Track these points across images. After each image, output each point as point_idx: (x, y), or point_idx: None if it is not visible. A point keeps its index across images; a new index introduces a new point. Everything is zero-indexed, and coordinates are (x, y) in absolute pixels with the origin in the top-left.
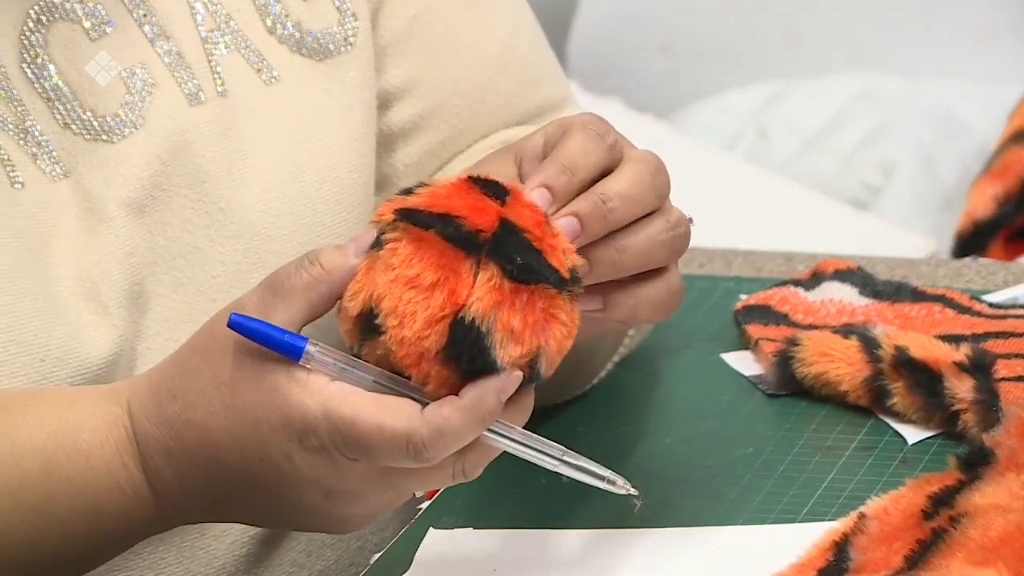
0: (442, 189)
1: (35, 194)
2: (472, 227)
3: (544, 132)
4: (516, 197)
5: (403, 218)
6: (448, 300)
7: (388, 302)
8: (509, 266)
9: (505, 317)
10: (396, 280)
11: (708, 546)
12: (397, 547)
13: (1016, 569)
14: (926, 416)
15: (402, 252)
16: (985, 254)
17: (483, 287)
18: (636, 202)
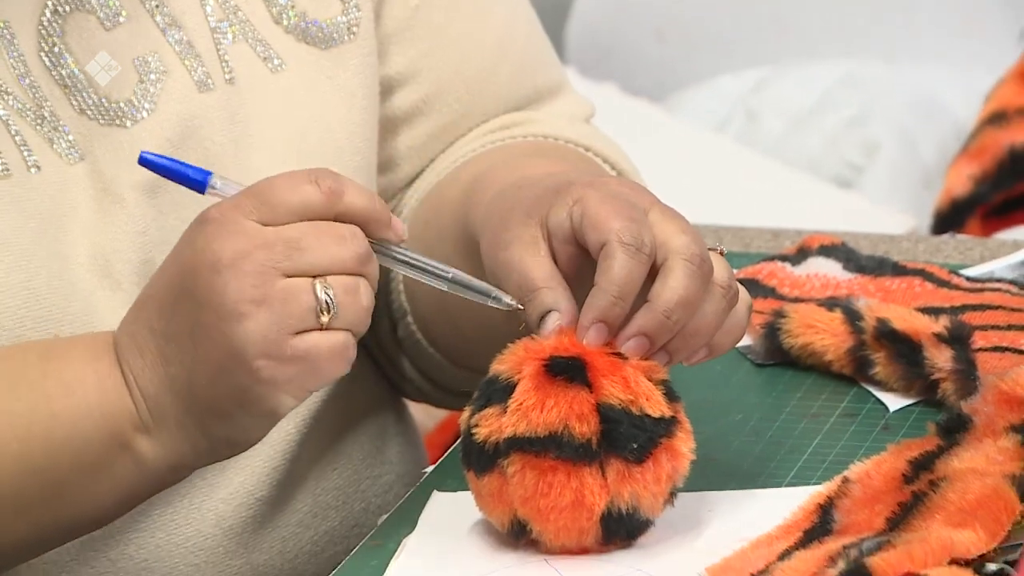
0: (531, 397)
1: (51, 177)
2: (581, 436)
3: (568, 212)
4: (593, 366)
5: (516, 448)
6: (590, 511)
7: (538, 527)
8: (629, 456)
9: (645, 492)
10: (536, 509)
11: (699, 509)
12: (402, 509)
13: (992, 530)
14: (907, 385)
15: (529, 482)
16: (963, 230)
17: (616, 483)
18: (692, 304)
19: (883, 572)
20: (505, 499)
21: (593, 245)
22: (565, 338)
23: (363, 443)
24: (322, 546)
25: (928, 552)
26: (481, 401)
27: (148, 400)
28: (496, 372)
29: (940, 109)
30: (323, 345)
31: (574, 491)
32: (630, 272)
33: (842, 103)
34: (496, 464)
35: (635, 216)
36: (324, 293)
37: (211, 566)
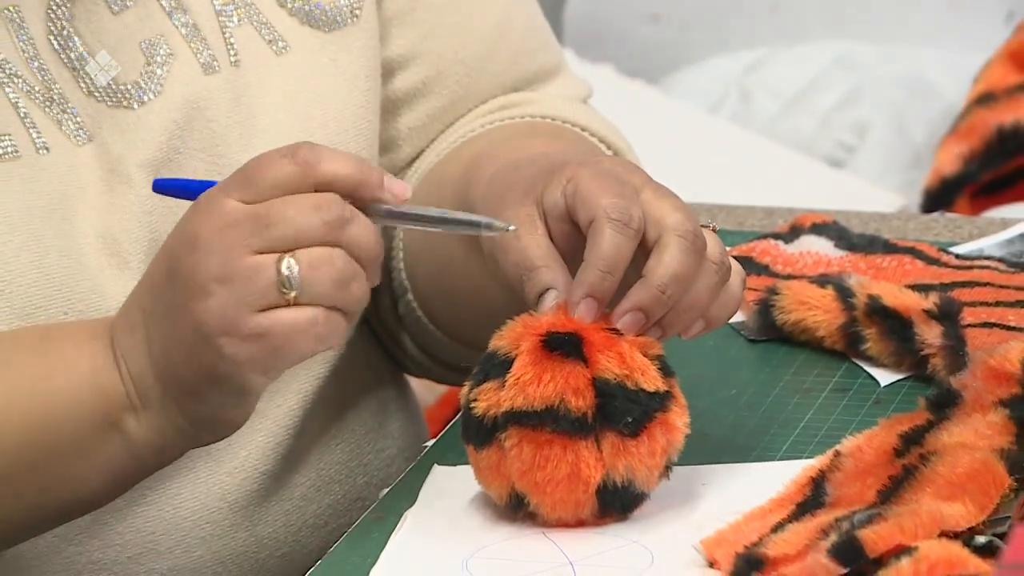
0: (529, 371)
1: (60, 158)
2: (576, 411)
3: (562, 191)
4: (589, 342)
5: (514, 421)
6: (587, 484)
7: (535, 499)
8: (624, 429)
9: (639, 465)
10: (533, 482)
11: (694, 482)
12: (404, 483)
13: (981, 503)
14: (897, 360)
15: (526, 455)
16: (952, 209)
17: (611, 456)
18: (687, 279)
19: (874, 544)
20: (503, 472)
21: (583, 221)
22: (562, 314)
23: (365, 418)
24: (325, 519)
25: (918, 525)
26: (480, 376)
27: (135, 379)
28: (495, 347)
29: (930, 90)
30: (285, 321)
31: (570, 464)
32: (618, 247)
33: (834, 84)
34: (494, 438)
35: (624, 192)
36: (288, 268)
37: (217, 539)
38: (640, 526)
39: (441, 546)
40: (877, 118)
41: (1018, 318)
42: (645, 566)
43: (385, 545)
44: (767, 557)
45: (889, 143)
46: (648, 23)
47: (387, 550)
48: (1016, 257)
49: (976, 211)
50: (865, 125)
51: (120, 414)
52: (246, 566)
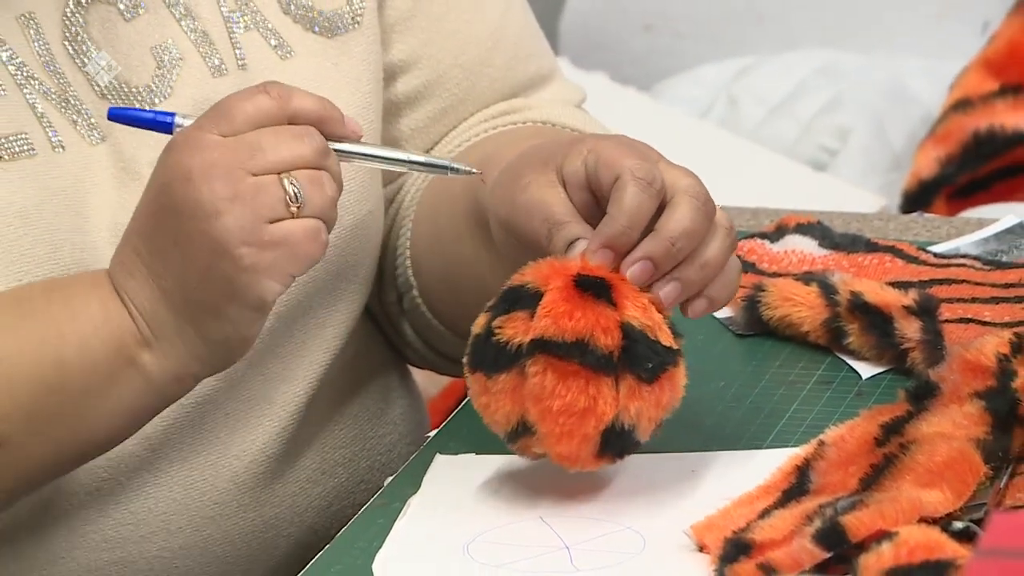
0: (560, 305)
1: (75, 156)
2: (604, 348)
3: (583, 160)
4: (617, 289)
5: (542, 349)
6: (599, 420)
7: (544, 427)
8: (643, 373)
9: (648, 413)
10: (549, 409)
11: (684, 470)
12: (408, 471)
13: (958, 490)
14: (878, 354)
15: (549, 384)
16: (930, 210)
17: (626, 398)
18: (696, 235)
19: (857, 530)
20: (517, 398)
21: (606, 182)
22: (587, 263)
23: (368, 405)
24: (329, 501)
25: (899, 511)
26: (504, 307)
27: (145, 316)
28: (521, 282)
29: (909, 96)
30: (297, 230)
31: (590, 398)
32: (640, 204)
33: (818, 91)
34: (517, 363)
35: (647, 157)
36: (291, 185)
37: (226, 519)
38: (633, 512)
39: (443, 531)
40: (858, 123)
41: (993, 314)
42: (637, 550)
43: (389, 530)
44: (754, 542)
45: (870, 147)
46: (641, 33)
47: (391, 535)
48: (991, 255)
49: (953, 212)
50: (847, 130)
51: (135, 351)
52: (254, 545)
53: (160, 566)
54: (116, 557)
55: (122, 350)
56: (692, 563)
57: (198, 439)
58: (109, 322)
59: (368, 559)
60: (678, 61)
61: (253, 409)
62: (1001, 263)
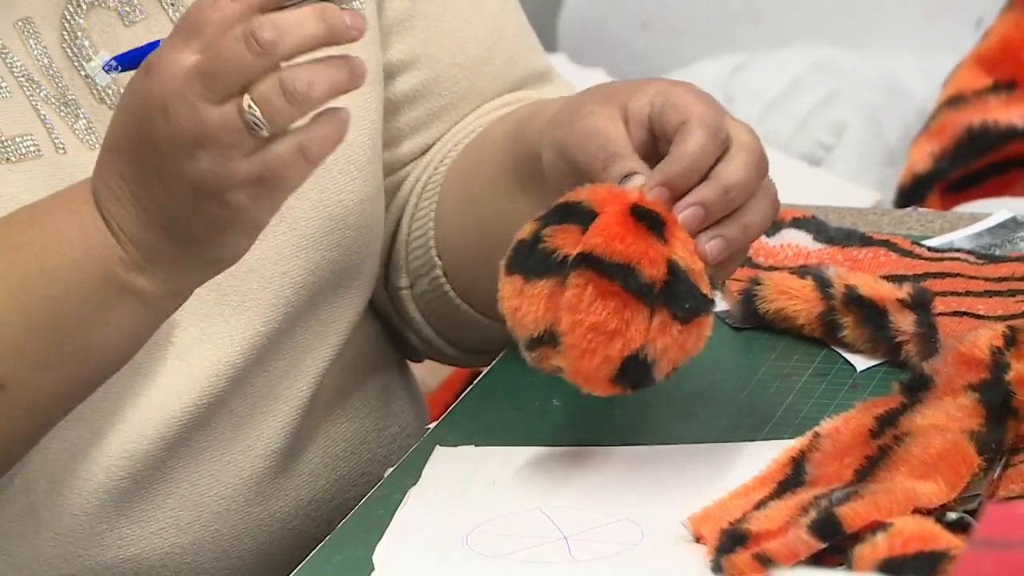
0: (614, 228)
1: (76, 159)
2: (648, 278)
3: (650, 100)
4: (670, 228)
5: (588, 264)
6: (625, 345)
7: (571, 339)
8: (679, 312)
9: (671, 353)
10: (580, 323)
11: (681, 461)
12: (408, 463)
13: (952, 482)
14: (873, 347)
15: (587, 298)
16: (924, 204)
17: (656, 331)
18: (749, 188)
19: (851, 521)
20: (552, 305)
21: (672, 124)
22: (643, 195)
23: (369, 398)
24: (332, 493)
25: (893, 502)
26: (556, 218)
27: (135, 241)
28: (576, 199)
29: (903, 92)
30: (272, 159)
31: (623, 321)
32: (704, 149)
33: (812, 87)
34: (559, 272)
35: (717, 107)
36: (250, 115)
37: (233, 514)
38: (630, 503)
39: (443, 522)
40: (853, 119)
41: (987, 307)
42: (635, 541)
43: (389, 522)
44: (750, 533)
45: (865, 142)
46: (639, 30)
47: (391, 526)
48: (985, 249)
49: (947, 206)
50: (842, 126)
51: (126, 276)
52: (260, 538)
53: (172, 562)
54: (130, 555)
55: (112, 277)
56: (689, 554)
57: (205, 437)
58: (92, 253)
59: (368, 550)
60: (675, 58)
61: (258, 406)
62: (994, 257)
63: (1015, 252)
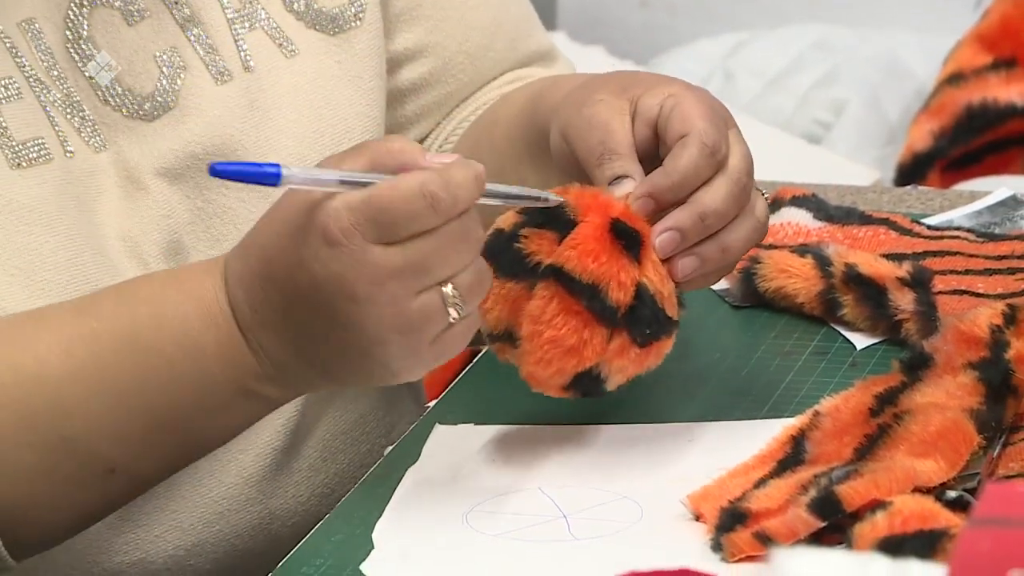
0: (590, 243)
1: (83, 163)
2: (614, 302)
3: (662, 101)
4: (646, 249)
5: (557, 278)
6: (580, 362)
7: (528, 345)
8: (639, 338)
9: (624, 369)
10: (540, 333)
11: (681, 440)
12: (407, 442)
13: (952, 460)
14: (873, 325)
15: (550, 311)
16: (924, 182)
17: (613, 352)
18: (727, 216)
19: (851, 499)
20: (516, 309)
21: (673, 135)
22: (628, 207)
23: (367, 389)
24: (332, 487)
25: (893, 481)
26: (537, 219)
27: (276, 363)
28: (560, 202)
29: (903, 70)
30: (456, 337)
31: (581, 340)
32: (697, 168)
33: (812, 65)
34: (529, 278)
35: (720, 127)
36: (454, 301)
37: (234, 513)
38: (630, 482)
39: (442, 501)
40: (853, 97)
41: (986, 285)
42: (635, 519)
43: (389, 500)
44: (750, 511)
45: (864, 121)
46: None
47: (391, 505)
48: (984, 228)
49: (946, 184)
50: (842, 104)
51: (259, 386)
52: (260, 537)
53: (175, 564)
54: (135, 559)
55: (242, 385)
56: (689, 532)
57: None
58: (230, 364)
59: (368, 529)
60: (674, 36)
61: None
62: (994, 235)
63: (1015, 230)
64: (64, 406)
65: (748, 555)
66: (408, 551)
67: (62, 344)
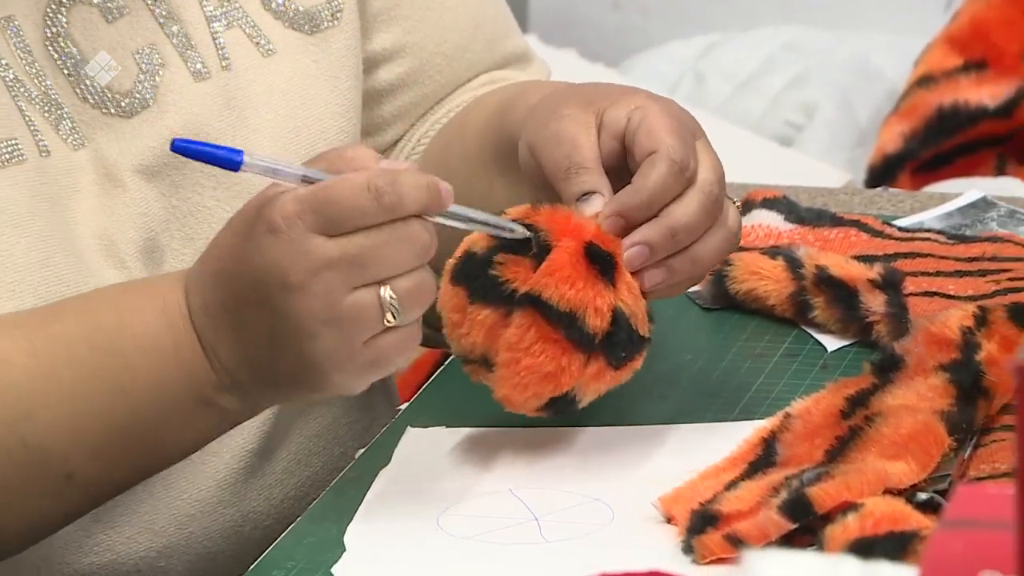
0: (566, 270)
1: (59, 161)
2: (592, 329)
3: (628, 114)
4: (620, 271)
5: (534, 306)
6: (557, 387)
7: (505, 372)
8: (615, 361)
9: (598, 391)
10: (517, 360)
11: (652, 442)
12: (379, 444)
13: (923, 462)
14: (844, 327)
15: (528, 339)
16: (894, 184)
17: (589, 377)
18: (697, 230)
19: (822, 501)
20: (491, 336)
21: (641, 151)
22: (598, 226)
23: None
24: (305, 490)
25: (864, 482)
26: (511, 243)
27: (228, 370)
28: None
29: (874, 72)
30: (392, 345)
31: (559, 367)
32: (666, 186)
33: (783, 67)
34: (506, 305)
35: (688, 141)
36: (391, 303)
37: (206, 516)
38: (601, 484)
39: (414, 503)
40: (824, 99)
41: (957, 287)
42: (606, 522)
43: (361, 503)
44: (721, 513)
45: (835, 122)
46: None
47: (363, 507)
48: (955, 229)
49: (917, 186)
50: (813, 106)
51: (214, 394)
52: (232, 540)
53: (146, 566)
54: (105, 560)
55: (198, 394)
56: (660, 534)
57: None
58: (184, 369)
59: (339, 531)
60: (646, 38)
61: None
62: (965, 237)
63: (985, 232)
64: (26, 408)
65: (719, 557)
66: (380, 554)
67: (26, 346)
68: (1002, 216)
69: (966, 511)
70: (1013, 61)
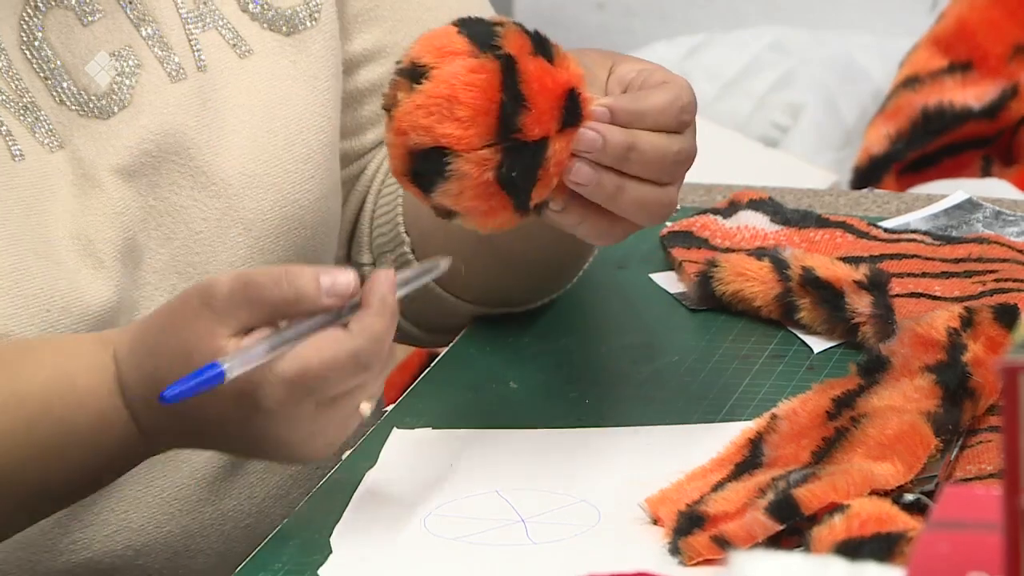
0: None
1: (34, 164)
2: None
3: (639, 70)
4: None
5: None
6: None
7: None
8: (511, 188)
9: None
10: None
11: (639, 443)
12: (365, 446)
13: (909, 463)
14: (830, 328)
15: (471, 79)
16: (880, 185)
17: (480, 158)
18: (648, 170)
19: (809, 502)
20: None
21: (654, 81)
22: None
23: None
24: (287, 489)
25: (850, 484)
26: None
27: (169, 448)
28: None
29: (859, 73)
30: (351, 422)
31: (473, 120)
32: (663, 112)
33: (769, 68)
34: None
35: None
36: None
37: (185, 514)
38: (587, 485)
39: (400, 505)
40: (810, 100)
41: (943, 288)
42: (593, 523)
43: (347, 504)
44: (708, 515)
45: (821, 123)
46: (595, 10)
47: (349, 509)
48: (941, 231)
49: (903, 188)
50: (798, 107)
51: (142, 456)
52: (212, 538)
53: (124, 565)
54: (82, 559)
55: (128, 458)
56: (646, 536)
57: None
58: (119, 445)
59: (326, 533)
60: (631, 38)
61: None
62: (951, 238)
63: (971, 233)
64: None
65: (706, 559)
66: (366, 556)
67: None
68: (988, 217)
69: (953, 512)
70: (998, 62)
